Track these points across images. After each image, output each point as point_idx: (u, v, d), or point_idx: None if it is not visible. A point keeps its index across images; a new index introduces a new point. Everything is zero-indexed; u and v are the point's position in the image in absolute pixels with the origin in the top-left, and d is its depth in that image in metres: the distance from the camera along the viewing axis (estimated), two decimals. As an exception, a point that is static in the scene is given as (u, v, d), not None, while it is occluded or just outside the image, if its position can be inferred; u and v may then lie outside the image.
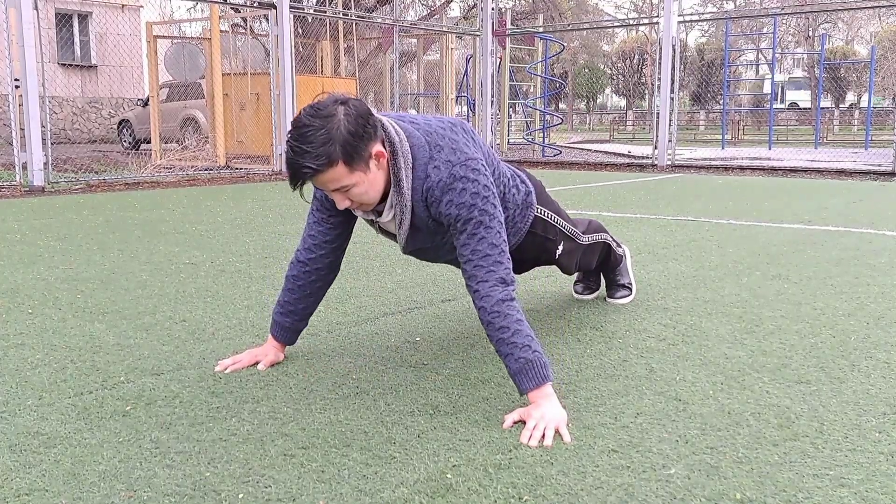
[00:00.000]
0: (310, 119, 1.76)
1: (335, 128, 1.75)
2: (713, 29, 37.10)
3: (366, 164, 1.82)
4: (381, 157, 1.85)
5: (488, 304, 1.84)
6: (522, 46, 15.17)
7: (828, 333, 2.53)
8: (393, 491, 1.46)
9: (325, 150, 1.74)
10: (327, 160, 1.75)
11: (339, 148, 1.76)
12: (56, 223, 5.22)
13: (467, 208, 1.87)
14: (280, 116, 9.78)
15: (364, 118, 1.80)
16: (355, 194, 1.85)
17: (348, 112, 1.78)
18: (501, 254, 1.89)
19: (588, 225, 2.67)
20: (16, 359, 2.26)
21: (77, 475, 1.53)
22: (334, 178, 1.79)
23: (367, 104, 1.85)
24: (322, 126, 1.75)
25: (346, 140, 1.76)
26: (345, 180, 1.80)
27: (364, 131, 1.80)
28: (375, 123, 1.84)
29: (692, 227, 4.99)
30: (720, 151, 15.37)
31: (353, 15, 12.99)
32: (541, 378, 1.80)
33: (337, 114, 1.77)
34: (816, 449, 1.65)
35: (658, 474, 1.53)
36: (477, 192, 1.88)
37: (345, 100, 1.81)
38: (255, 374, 2.12)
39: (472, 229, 1.88)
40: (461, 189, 1.87)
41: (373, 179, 1.85)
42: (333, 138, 1.75)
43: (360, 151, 1.79)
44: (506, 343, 1.82)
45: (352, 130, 1.77)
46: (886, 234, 4.68)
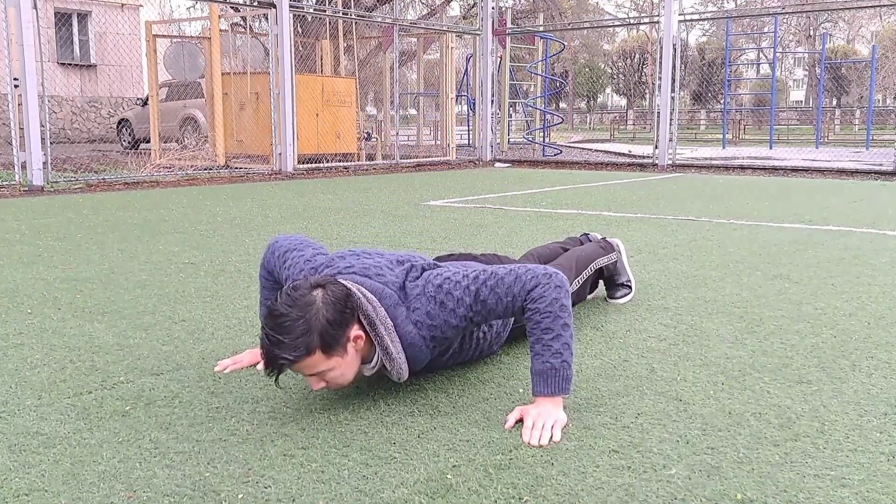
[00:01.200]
0: (287, 308, 1.72)
1: (314, 318, 1.72)
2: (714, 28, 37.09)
3: (343, 349, 1.78)
4: (358, 339, 1.81)
5: (542, 305, 1.82)
6: (523, 45, 15.17)
7: (829, 333, 2.53)
8: (393, 491, 1.46)
9: (303, 340, 1.71)
10: (305, 351, 1.72)
11: (318, 338, 1.72)
12: (55, 223, 5.22)
13: (465, 297, 1.85)
14: (280, 116, 9.78)
15: (342, 303, 1.77)
16: (331, 377, 1.81)
17: (326, 299, 1.75)
18: (519, 267, 1.88)
19: (575, 266, 2.64)
20: (15, 359, 2.26)
21: (76, 475, 1.52)
22: (311, 365, 1.76)
23: (343, 286, 1.81)
24: (300, 316, 1.71)
25: (325, 329, 1.73)
26: (321, 366, 1.77)
27: (342, 318, 1.76)
28: (353, 306, 1.80)
29: (693, 227, 4.98)
30: (721, 151, 15.37)
31: (353, 14, 12.99)
32: (557, 389, 1.79)
33: (315, 301, 1.74)
34: (817, 449, 1.65)
35: (659, 474, 1.53)
36: (457, 283, 1.87)
37: (323, 283, 1.78)
38: (255, 375, 2.12)
39: (485, 294, 1.85)
40: (446, 295, 1.86)
41: (349, 362, 1.81)
42: (311, 329, 1.71)
43: (338, 339, 1.76)
44: (542, 343, 1.81)
45: (330, 319, 1.73)
46: (887, 234, 4.67)
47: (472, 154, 12.85)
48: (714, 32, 37.98)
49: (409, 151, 13.09)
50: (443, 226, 5.06)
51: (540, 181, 9.00)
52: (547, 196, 7.15)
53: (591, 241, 2.94)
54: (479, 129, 12.66)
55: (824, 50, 18.05)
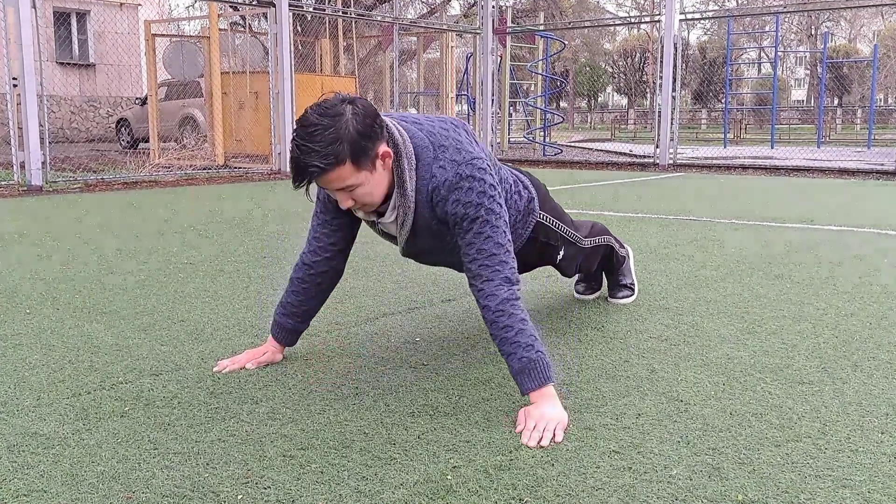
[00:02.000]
0: (318, 118, 1.74)
1: (343, 127, 1.74)
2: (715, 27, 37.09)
3: (372, 164, 1.81)
4: (386, 157, 1.83)
5: (493, 303, 1.83)
6: (523, 44, 15.17)
7: (830, 334, 2.52)
8: (393, 492, 1.45)
9: (334, 149, 1.73)
10: (335, 159, 1.74)
11: (348, 147, 1.74)
12: (54, 223, 5.22)
13: (474, 207, 1.86)
14: (279, 115, 9.77)
15: (371, 118, 1.79)
16: (360, 194, 1.84)
17: (356, 111, 1.77)
18: (507, 253, 1.88)
19: (591, 228, 2.66)
20: (14, 359, 2.25)
21: (75, 476, 1.52)
22: (340, 177, 1.77)
23: (372, 105, 1.84)
24: (331, 125, 1.73)
25: (355, 140, 1.75)
26: (350, 180, 1.79)
27: (372, 131, 1.78)
28: (382, 124, 1.83)
29: (694, 227, 4.98)
30: (722, 150, 15.36)
31: (353, 13, 12.98)
32: (543, 379, 1.79)
33: (345, 113, 1.75)
34: (819, 450, 1.64)
35: (659, 475, 1.52)
36: (483, 192, 1.87)
37: (352, 99, 1.80)
38: (254, 375, 2.11)
39: (479, 228, 1.87)
40: (467, 188, 1.87)
41: (378, 180, 1.84)
42: (342, 137, 1.73)
43: (367, 151, 1.78)
44: (509, 342, 1.81)
45: (360, 130, 1.75)
46: (889, 234, 4.67)
47: (473, 153, 12.83)
48: (715, 31, 37.97)
49: (409, 151, 13.06)
50: (443, 225, 5.05)
51: (540, 180, 8.98)
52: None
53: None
54: (479, 128, 12.65)
55: (826, 49, 18.03)
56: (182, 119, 14.34)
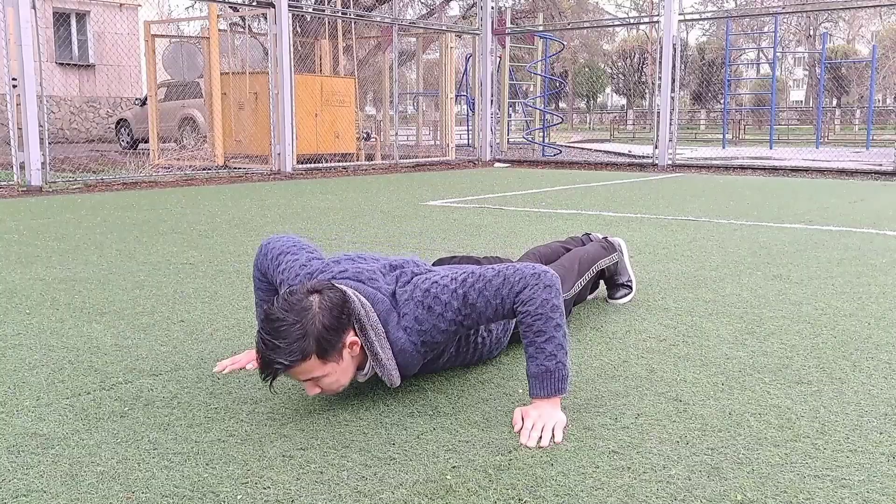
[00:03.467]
0: (283, 313, 1.72)
1: (310, 322, 1.72)
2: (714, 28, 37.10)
3: (339, 354, 1.78)
4: (354, 345, 1.81)
5: (532, 308, 1.81)
6: (522, 45, 15.17)
7: (829, 334, 2.52)
8: (392, 492, 1.46)
9: (300, 345, 1.71)
10: (301, 355, 1.71)
11: (314, 343, 1.72)
12: (54, 223, 5.22)
13: (453, 300, 1.85)
14: (279, 116, 9.77)
15: (339, 309, 1.77)
16: (326, 384, 1.81)
17: (322, 304, 1.75)
18: (507, 268, 1.87)
19: (577, 268, 2.63)
20: (13, 359, 2.25)
21: (75, 476, 1.52)
22: (306, 370, 1.75)
23: (340, 292, 1.81)
24: (296, 321, 1.71)
25: (321, 334, 1.73)
26: (317, 372, 1.77)
27: (339, 323, 1.76)
28: (349, 312, 1.80)
29: (693, 227, 4.98)
30: (721, 151, 15.37)
31: (352, 14, 12.98)
32: (553, 390, 1.79)
33: (311, 307, 1.73)
34: (817, 450, 1.64)
35: (659, 475, 1.53)
36: (445, 286, 1.86)
37: (320, 288, 1.78)
38: (254, 376, 2.11)
39: (473, 297, 1.85)
40: (433, 299, 1.85)
41: (345, 368, 1.82)
42: (308, 333, 1.71)
43: (334, 344, 1.76)
44: (536, 346, 1.80)
45: (326, 324, 1.73)
46: (888, 234, 4.67)
47: (472, 154, 12.84)
48: (714, 32, 37.99)
49: (409, 151, 13.09)
50: (442, 226, 5.06)
51: (539, 181, 9.00)
52: (546, 196, 7.14)
53: (592, 241, 2.93)
54: (478, 129, 12.65)
55: (824, 50, 18.05)
56: (182, 120, 14.34)
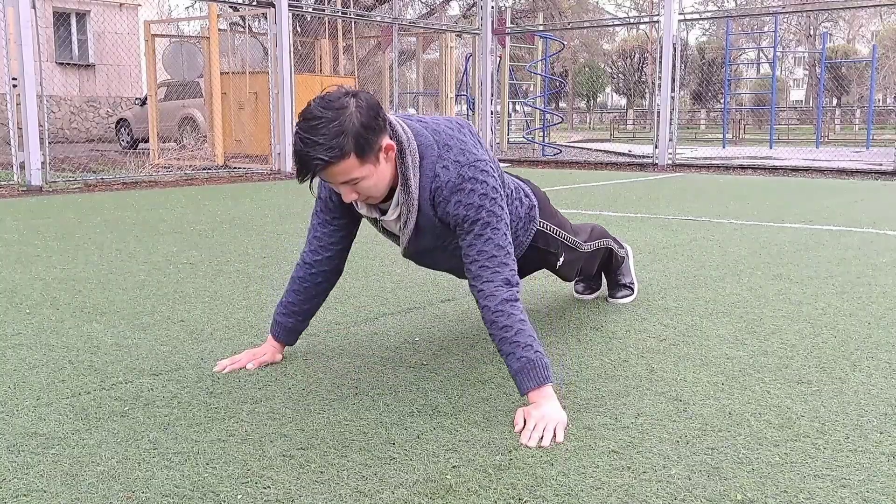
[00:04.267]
0: (321, 111, 1.74)
1: (347, 120, 1.74)
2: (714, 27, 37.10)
3: (376, 157, 1.81)
4: (390, 150, 1.84)
5: (492, 304, 1.83)
6: (522, 45, 15.17)
7: (829, 333, 2.52)
8: (392, 492, 1.46)
9: (338, 141, 1.73)
10: (340, 152, 1.74)
11: (352, 140, 1.74)
12: (54, 223, 5.22)
13: (475, 209, 1.87)
14: (279, 116, 9.77)
15: (375, 111, 1.79)
16: (363, 187, 1.84)
17: (359, 104, 1.77)
18: (507, 255, 1.89)
19: (591, 232, 2.67)
20: (13, 359, 2.25)
21: (75, 476, 1.52)
22: (344, 170, 1.77)
23: (375, 98, 1.84)
24: (334, 118, 1.73)
25: (359, 132, 1.75)
26: (354, 173, 1.79)
27: (375, 124, 1.79)
28: (385, 117, 1.84)
29: (693, 227, 4.98)
30: (721, 150, 15.37)
31: (352, 13, 12.98)
32: (541, 379, 1.79)
33: (349, 106, 1.76)
34: (817, 449, 1.64)
35: (658, 475, 1.53)
36: (485, 194, 1.88)
37: (355, 92, 1.80)
38: (254, 375, 2.11)
39: (479, 230, 1.87)
40: (470, 189, 1.87)
41: (382, 173, 1.84)
42: (346, 130, 1.73)
43: (371, 144, 1.78)
44: (508, 342, 1.81)
45: (364, 122, 1.76)
46: (888, 234, 4.67)
47: (472, 154, 12.82)
48: (714, 32, 37.99)
49: (409, 151, 13.06)
50: (442, 225, 5.05)
51: (539, 181, 8.97)
52: (547, 196, 7.13)
53: None
54: (478, 128, 12.65)
55: (824, 49, 18.04)
56: (182, 119, 14.33)
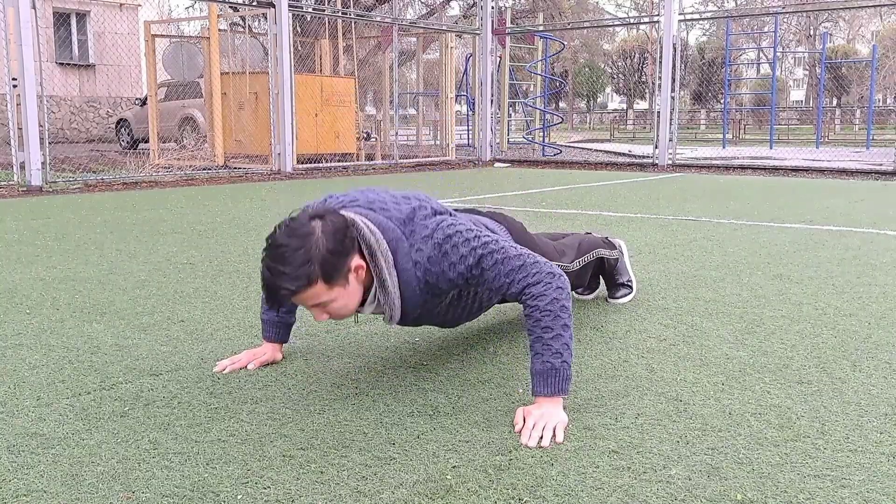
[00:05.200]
0: (286, 238, 1.72)
1: (314, 246, 1.71)
2: (714, 27, 37.11)
3: (345, 279, 1.78)
4: (359, 269, 1.80)
5: (542, 303, 1.80)
6: (522, 45, 15.17)
7: (829, 334, 2.52)
8: (392, 492, 1.46)
9: (304, 270, 1.70)
10: (306, 280, 1.71)
11: (318, 267, 1.71)
12: (54, 223, 5.22)
13: (470, 255, 1.84)
14: (279, 116, 9.77)
15: (342, 233, 1.76)
16: (333, 309, 1.80)
17: (325, 229, 1.74)
18: (528, 255, 1.86)
19: (578, 248, 2.65)
20: (13, 359, 2.25)
21: (75, 476, 1.52)
22: (313, 295, 1.75)
23: (343, 217, 1.80)
24: (300, 246, 1.70)
25: (325, 258, 1.72)
26: (323, 297, 1.76)
27: (342, 247, 1.75)
28: (353, 236, 1.79)
29: (693, 227, 4.98)
30: (721, 151, 15.37)
31: (352, 13, 12.99)
32: (556, 389, 1.78)
33: (314, 231, 1.72)
34: (818, 450, 1.64)
35: (658, 475, 1.53)
36: (466, 239, 1.85)
37: (322, 214, 1.77)
38: (254, 375, 2.11)
39: (488, 263, 1.84)
40: (451, 248, 1.84)
41: (351, 292, 1.81)
42: (312, 258, 1.70)
43: (339, 268, 1.75)
44: (542, 342, 1.79)
45: (330, 248, 1.72)
46: (888, 234, 4.67)
47: (472, 154, 12.84)
48: (714, 32, 37.99)
49: (409, 151, 13.09)
50: (442, 226, 5.05)
51: (540, 181, 8.99)
52: (547, 196, 7.14)
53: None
54: (478, 128, 12.66)
55: (824, 49, 18.04)
56: (182, 119, 14.33)
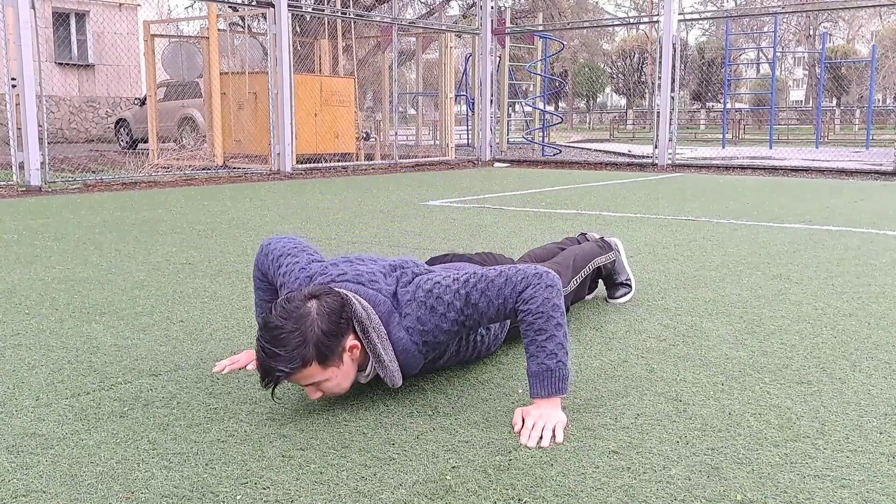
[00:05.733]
0: (282, 321, 1.73)
1: (308, 329, 1.72)
2: (714, 27, 37.11)
3: (339, 359, 1.79)
4: (354, 349, 1.81)
5: (534, 306, 1.81)
6: (522, 45, 15.17)
7: (829, 334, 2.52)
8: (392, 492, 1.46)
9: (299, 352, 1.71)
10: (301, 362, 1.72)
11: (313, 349, 1.72)
12: (53, 223, 5.21)
13: (456, 301, 1.85)
14: (278, 116, 9.77)
15: (337, 314, 1.77)
16: (327, 388, 1.81)
17: (321, 310, 1.75)
18: (507, 269, 1.87)
19: (573, 265, 2.64)
20: (13, 360, 2.25)
21: (74, 476, 1.52)
22: (307, 376, 1.76)
23: (339, 296, 1.81)
24: (295, 328, 1.71)
25: (320, 340, 1.73)
26: (318, 377, 1.77)
27: (337, 328, 1.76)
28: (347, 316, 1.80)
29: (693, 227, 4.98)
30: (721, 151, 15.37)
31: (352, 13, 12.99)
32: (553, 389, 1.78)
33: (310, 313, 1.74)
34: (817, 450, 1.64)
35: (658, 475, 1.52)
36: (447, 287, 1.86)
37: (318, 294, 1.78)
38: (253, 376, 2.11)
39: (475, 298, 1.85)
40: (436, 300, 1.85)
41: (345, 372, 1.82)
42: (307, 340, 1.72)
43: (333, 349, 1.76)
44: (536, 344, 1.80)
45: (325, 329, 1.74)
46: (888, 234, 4.67)
47: (472, 154, 12.84)
48: (714, 32, 37.99)
49: (409, 151, 13.09)
50: (442, 226, 5.05)
51: (539, 181, 8.99)
52: (546, 196, 7.14)
53: (588, 241, 2.93)
54: (478, 128, 12.65)
55: (824, 49, 18.04)
56: (181, 119, 14.32)
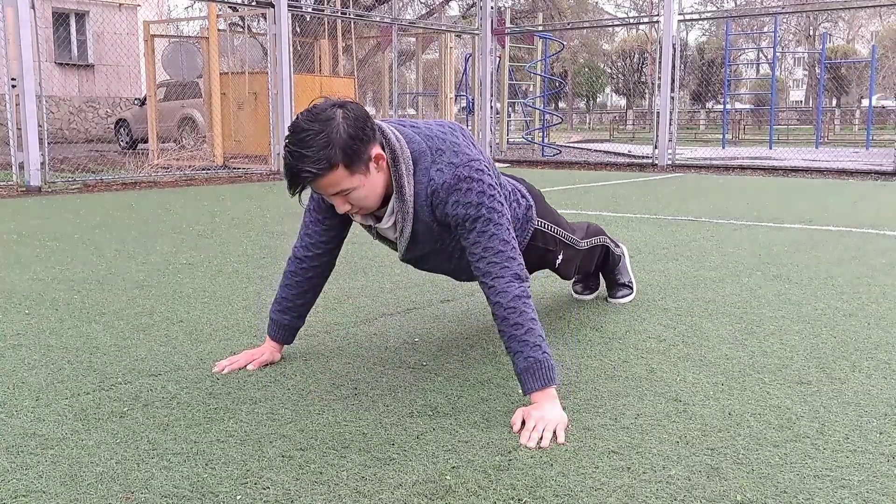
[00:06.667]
0: (308, 123, 1.76)
1: (334, 131, 1.75)
2: (714, 28, 37.12)
3: (366, 166, 1.81)
4: (380, 159, 1.84)
5: (504, 300, 1.83)
6: (522, 45, 15.17)
7: (829, 334, 2.52)
8: (391, 493, 1.46)
9: (326, 153, 1.74)
10: (328, 164, 1.74)
11: (339, 151, 1.75)
12: (53, 223, 5.21)
13: (475, 207, 1.87)
14: (278, 116, 9.77)
15: (362, 121, 1.80)
16: (355, 198, 1.84)
17: (346, 115, 1.78)
18: (513, 249, 1.89)
19: (587, 229, 2.68)
20: (12, 360, 2.25)
21: (74, 477, 1.52)
22: (334, 181, 1.78)
23: (364, 107, 1.85)
24: (321, 130, 1.74)
25: (346, 143, 1.76)
26: (345, 184, 1.80)
27: (363, 134, 1.79)
28: (374, 126, 1.84)
29: (692, 228, 4.98)
30: (721, 151, 15.37)
31: (352, 14, 12.99)
32: (546, 380, 1.79)
33: (335, 117, 1.76)
34: (817, 450, 1.64)
35: (658, 476, 1.52)
36: (483, 191, 1.88)
37: (342, 103, 1.81)
38: (253, 376, 2.11)
39: (482, 227, 1.87)
40: (467, 189, 1.87)
41: (373, 182, 1.85)
42: (333, 142, 1.74)
43: (360, 154, 1.79)
44: (517, 340, 1.81)
45: (351, 133, 1.76)
46: (887, 235, 4.67)
47: (471, 154, 12.82)
48: (714, 32, 37.99)
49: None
50: (442, 226, 5.05)
51: (539, 181, 8.99)
52: (546, 196, 7.13)
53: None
54: (478, 128, 12.66)
55: (824, 50, 18.05)
56: (181, 120, 14.32)
